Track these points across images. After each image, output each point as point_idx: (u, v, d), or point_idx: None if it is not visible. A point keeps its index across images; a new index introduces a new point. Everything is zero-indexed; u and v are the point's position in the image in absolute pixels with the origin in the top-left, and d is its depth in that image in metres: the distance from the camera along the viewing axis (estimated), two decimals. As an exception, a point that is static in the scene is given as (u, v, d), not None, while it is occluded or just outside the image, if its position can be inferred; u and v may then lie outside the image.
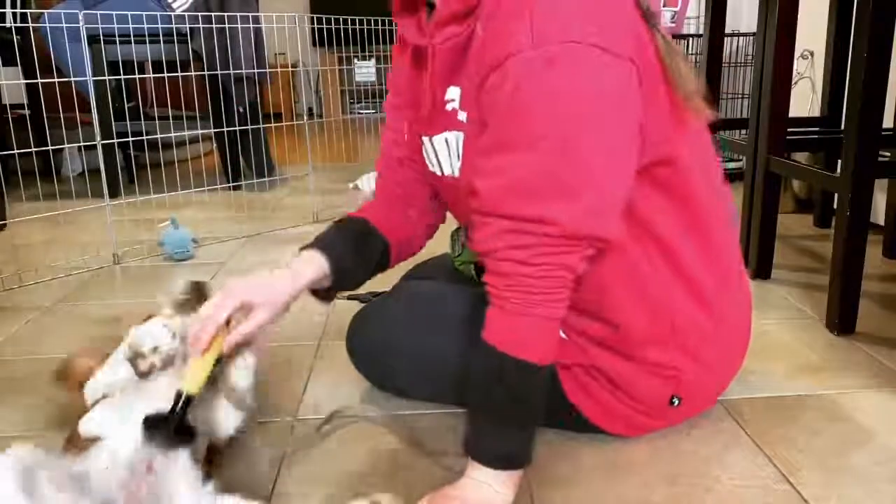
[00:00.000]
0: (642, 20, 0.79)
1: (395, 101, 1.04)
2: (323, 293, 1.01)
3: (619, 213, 0.79)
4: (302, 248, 1.00)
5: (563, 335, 0.94)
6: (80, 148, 2.22)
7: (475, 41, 0.81)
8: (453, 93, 0.86)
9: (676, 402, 0.94)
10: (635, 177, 0.80)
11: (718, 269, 0.92)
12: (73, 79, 2.31)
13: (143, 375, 0.89)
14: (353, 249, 1.01)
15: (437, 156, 0.94)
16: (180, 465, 0.79)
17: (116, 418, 0.83)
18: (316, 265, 0.97)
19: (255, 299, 0.89)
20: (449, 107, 0.87)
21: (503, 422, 0.82)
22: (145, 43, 2.54)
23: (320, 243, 0.99)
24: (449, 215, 1.09)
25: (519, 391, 0.80)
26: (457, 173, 0.91)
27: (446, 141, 0.91)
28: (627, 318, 0.89)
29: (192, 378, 0.83)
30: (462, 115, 0.86)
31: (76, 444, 0.82)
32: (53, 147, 2.19)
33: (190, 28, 2.59)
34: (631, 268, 0.87)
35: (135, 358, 0.89)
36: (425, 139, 0.95)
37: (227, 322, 0.88)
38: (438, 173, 0.95)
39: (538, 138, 0.74)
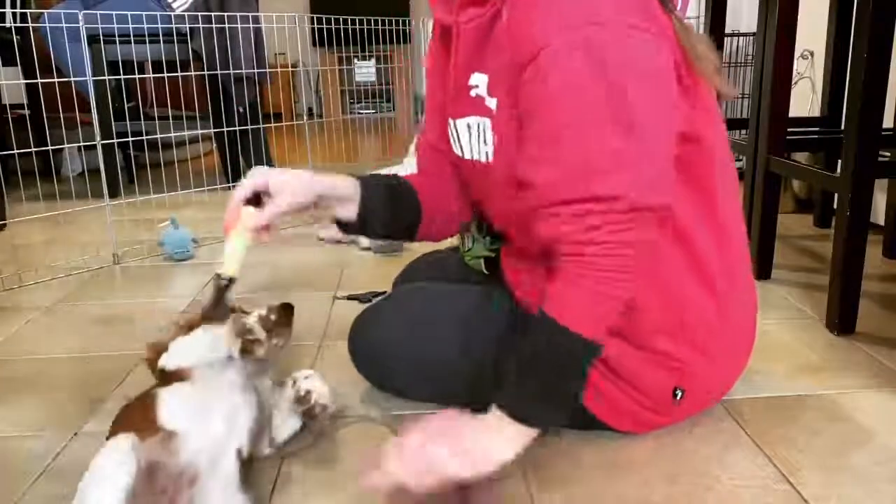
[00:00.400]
0: (658, 2, 0.81)
1: (432, 84, 1.05)
2: (343, 225, 1.01)
3: (672, 178, 0.81)
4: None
5: None
6: (79, 148, 2.22)
7: (499, 26, 0.82)
8: (477, 79, 0.88)
9: (679, 395, 0.93)
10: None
11: (729, 262, 0.92)
12: (72, 79, 2.31)
13: (247, 354, 0.92)
14: (386, 193, 1.01)
15: (459, 139, 0.95)
16: (222, 479, 0.80)
17: (192, 415, 0.83)
18: (348, 184, 0.98)
19: (277, 184, 0.91)
20: (473, 93, 0.89)
21: (546, 388, 0.80)
22: (145, 43, 2.54)
23: (359, 176, 1.00)
24: None
25: (561, 360, 0.80)
26: (484, 158, 0.92)
27: (468, 126, 0.92)
28: (640, 302, 0.87)
29: (227, 260, 0.92)
30: (491, 102, 0.86)
31: (148, 428, 0.80)
32: (53, 147, 2.19)
33: (190, 28, 2.59)
34: (664, 263, 0.87)
35: (245, 335, 0.93)
36: (450, 121, 0.96)
37: (258, 201, 0.92)
38: (464, 156, 0.96)
39: (590, 121, 0.75)
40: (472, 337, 1.01)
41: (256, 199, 0.92)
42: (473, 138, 0.92)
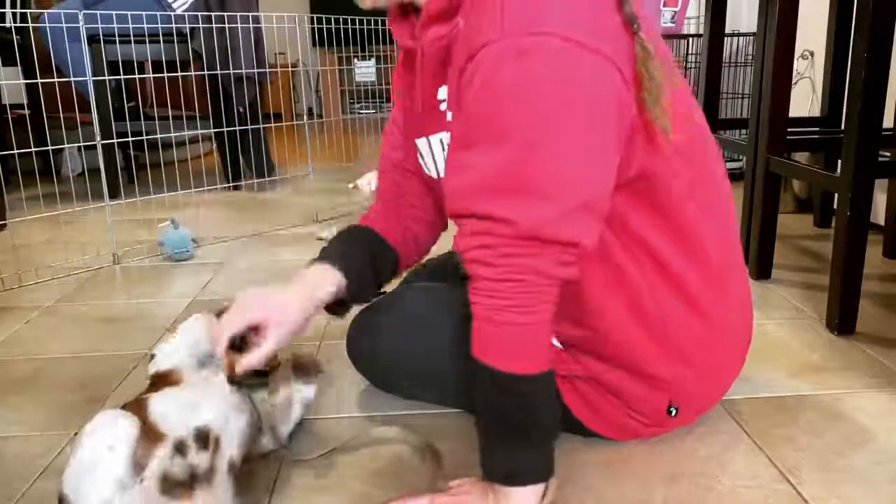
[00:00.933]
0: (624, 23, 0.74)
1: (397, 109, 1.05)
2: (335, 308, 1.00)
3: (594, 217, 0.74)
4: (313, 261, 0.98)
5: (558, 345, 0.94)
6: (79, 148, 2.22)
7: (459, 37, 0.79)
8: (444, 92, 0.86)
9: (674, 412, 0.93)
10: (622, 189, 0.78)
11: (712, 277, 0.89)
12: (72, 79, 2.31)
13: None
14: (366, 263, 1.00)
15: (433, 158, 0.93)
16: (218, 480, 0.80)
17: (180, 415, 0.82)
18: (332, 281, 0.95)
19: (269, 318, 0.88)
20: (442, 107, 0.87)
21: (500, 433, 0.79)
22: (145, 43, 2.54)
23: (333, 257, 0.98)
24: None
25: (506, 404, 0.77)
26: (439, 174, 0.91)
27: (441, 141, 0.90)
28: (622, 331, 0.87)
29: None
30: (449, 115, 0.85)
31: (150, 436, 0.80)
32: (53, 147, 2.19)
33: (190, 28, 2.59)
34: (624, 281, 0.85)
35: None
36: (418, 142, 0.94)
37: (243, 340, 0.89)
38: (434, 176, 0.95)
39: (502, 133, 0.71)
40: (468, 339, 1.01)
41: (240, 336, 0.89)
42: (440, 155, 0.91)
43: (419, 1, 0.83)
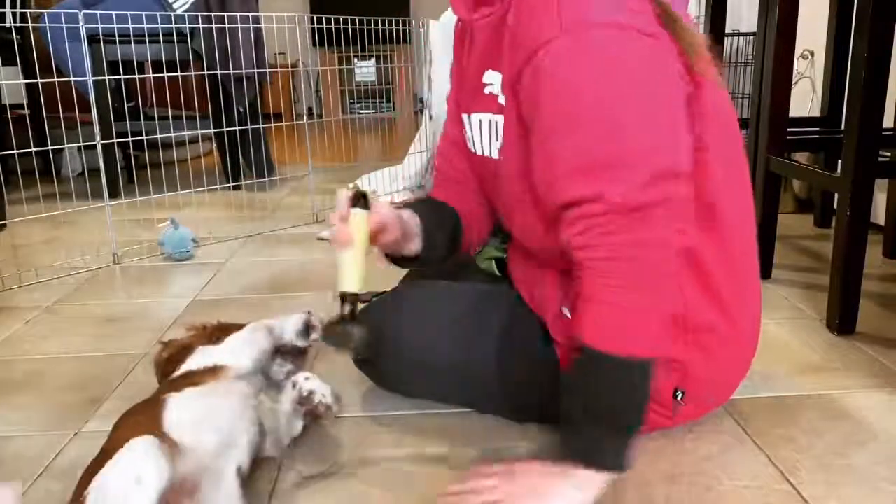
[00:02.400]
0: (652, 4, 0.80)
1: (455, 81, 1.05)
2: (402, 259, 0.99)
3: (680, 181, 0.77)
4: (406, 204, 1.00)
5: (568, 314, 0.93)
6: (79, 148, 2.22)
7: (507, 27, 0.83)
8: (491, 77, 0.89)
9: (680, 397, 0.93)
10: None
11: (737, 269, 0.91)
12: (72, 79, 2.31)
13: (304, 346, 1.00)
14: (438, 220, 1.01)
15: (472, 134, 0.96)
16: (224, 489, 0.80)
17: (193, 427, 0.82)
18: (410, 217, 0.96)
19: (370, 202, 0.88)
20: (487, 90, 0.90)
21: (594, 416, 0.78)
22: (145, 43, 2.54)
23: (415, 207, 0.99)
24: None
25: (606, 385, 0.77)
26: (495, 154, 0.93)
27: (480, 122, 0.93)
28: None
29: (347, 276, 0.83)
30: (502, 99, 0.87)
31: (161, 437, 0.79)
32: (53, 147, 2.19)
33: (190, 28, 2.59)
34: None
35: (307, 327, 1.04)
36: (465, 117, 0.97)
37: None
38: (476, 151, 0.98)
39: (581, 122, 0.75)
40: (473, 336, 1.01)
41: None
42: (485, 134, 0.93)
43: None
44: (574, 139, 0.76)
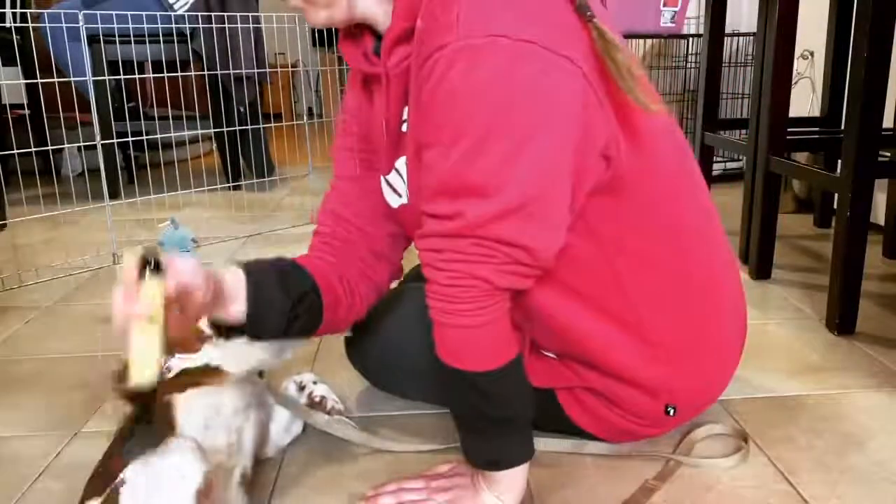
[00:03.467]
0: (575, 13, 0.73)
1: (345, 141, 0.97)
2: (227, 330, 0.84)
3: (543, 223, 0.73)
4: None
5: (551, 355, 0.94)
6: (79, 148, 2.22)
7: (414, 48, 0.76)
8: (406, 113, 0.83)
9: (672, 412, 0.92)
10: (600, 191, 0.78)
11: (697, 273, 0.89)
12: (73, 79, 2.31)
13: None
14: (278, 280, 0.85)
15: (394, 186, 0.90)
16: (232, 489, 0.80)
17: (203, 428, 0.82)
18: (233, 276, 0.81)
19: (166, 260, 0.70)
20: (404, 127, 0.84)
21: (475, 426, 0.81)
22: (145, 43, 2.54)
23: (242, 264, 0.85)
24: None
25: (476, 399, 0.78)
26: (405, 198, 0.88)
27: (398, 169, 0.88)
28: (599, 341, 0.87)
29: (141, 365, 0.65)
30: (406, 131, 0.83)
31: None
32: (53, 147, 2.19)
33: (190, 28, 2.59)
34: (595, 289, 0.84)
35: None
36: (384, 178, 0.91)
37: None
38: (393, 204, 0.92)
39: (454, 133, 0.70)
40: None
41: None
42: (403, 178, 0.88)
43: (380, 26, 0.81)
44: (447, 155, 0.71)
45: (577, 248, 0.80)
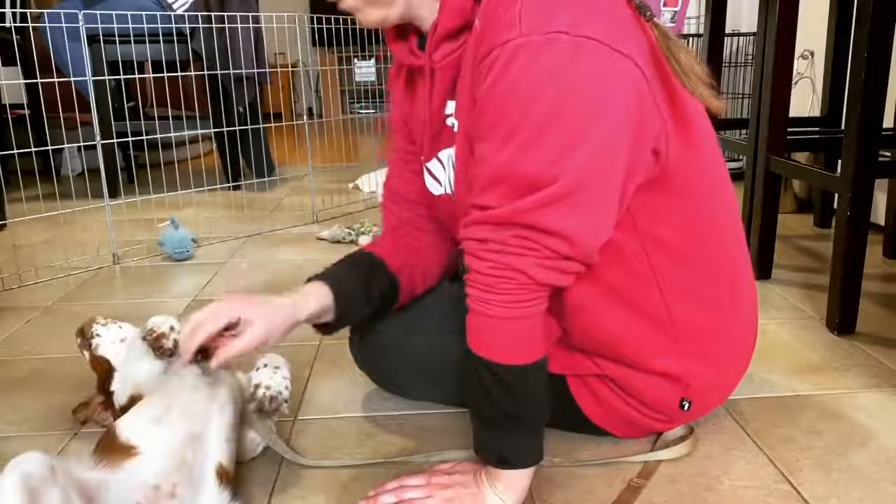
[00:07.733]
0: (635, 13, 0.75)
1: (401, 136, 1.01)
2: (324, 326, 0.96)
3: (588, 214, 0.74)
4: (308, 280, 0.96)
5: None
6: (79, 148, 2.22)
7: (470, 46, 0.79)
8: (451, 107, 0.86)
9: (687, 406, 0.93)
10: (646, 186, 0.78)
11: (726, 269, 0.90)
12: (72, 79, 2.31)
13: (167, 354, 0.89)
14: (359, 288, 0.96)
15: (436, 175, 0.93)
16: (207, 490, 0.79)
17: (153, 424, 0.81)
18: (320, 297, 0.92)
19: (253, 318, 0.85)
20: (448, 121, 0.87)
21: (491, 420, 0.81)
22: (145, 43, 2.54)
23: (326, 276, 0.96)
24: None
25: (497, 392, 0.79)
26: (449, 189, 0.90)
27: (441, 159, 0.90)
28: (628, 330, 0.87)
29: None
30: (455, 126, 0.85)
31: (110, 452, 0.79)
32: (53, 147, 2.19)
33: (190, 28, 2.59)
34: (632, 280, 0.84)
35: (157, 340, 0.89)
36: (429, 164, 0.94)
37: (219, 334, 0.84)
38: (435, 192, 0.95)
39: (509, 128, 0.72)
40: (459, 335, 1.00)
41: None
42: (448, 169, 0.90)
43: (424, 23, 0.84)
44: (501, 149, 0.72)
45: (620, 243, 0.81)
